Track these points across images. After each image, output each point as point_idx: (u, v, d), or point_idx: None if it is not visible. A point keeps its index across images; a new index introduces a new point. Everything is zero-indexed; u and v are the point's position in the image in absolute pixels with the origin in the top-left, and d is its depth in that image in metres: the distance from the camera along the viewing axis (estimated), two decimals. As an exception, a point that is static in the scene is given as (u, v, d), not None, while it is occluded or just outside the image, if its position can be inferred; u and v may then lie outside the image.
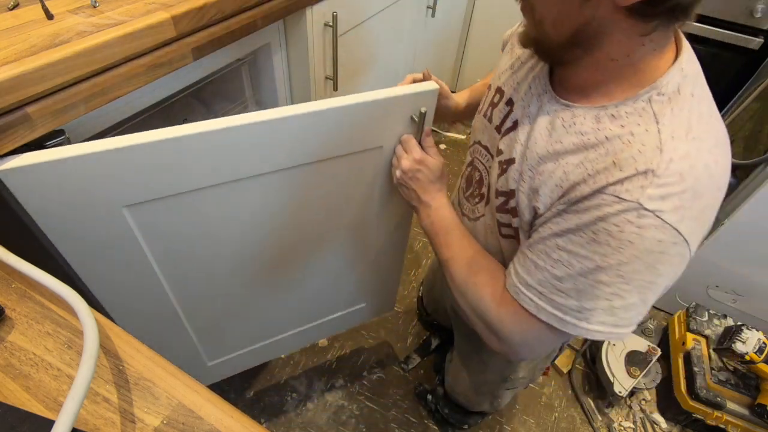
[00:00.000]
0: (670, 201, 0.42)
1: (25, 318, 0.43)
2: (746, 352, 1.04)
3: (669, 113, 0.44)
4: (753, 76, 1.45)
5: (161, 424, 0.36)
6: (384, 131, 0.67)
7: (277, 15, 0.79)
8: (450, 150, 1.98)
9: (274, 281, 0.83)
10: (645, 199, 0.42)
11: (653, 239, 0.43)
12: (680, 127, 0.43)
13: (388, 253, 0.94)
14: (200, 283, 0.74)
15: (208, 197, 0.61)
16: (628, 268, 0.44)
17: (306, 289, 0.90)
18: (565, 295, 0.48)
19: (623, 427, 1.18)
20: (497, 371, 0.88)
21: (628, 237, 0.43)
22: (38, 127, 0.50)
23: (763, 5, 1.32)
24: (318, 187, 0.70)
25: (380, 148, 0.69)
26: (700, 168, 0.42)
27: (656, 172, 0.42)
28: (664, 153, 0.42)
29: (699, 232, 0.45)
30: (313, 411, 1.15)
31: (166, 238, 0.63)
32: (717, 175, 0.44)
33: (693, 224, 0.43)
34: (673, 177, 0.42)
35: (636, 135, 0.44)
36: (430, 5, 1.42)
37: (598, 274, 0.45)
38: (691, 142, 0.43)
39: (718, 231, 1.17)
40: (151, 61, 0.59)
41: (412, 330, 1.34)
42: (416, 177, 0.67)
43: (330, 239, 0.82)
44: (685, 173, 0.42)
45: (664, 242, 0.43)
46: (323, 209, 0.75)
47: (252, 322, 0.91)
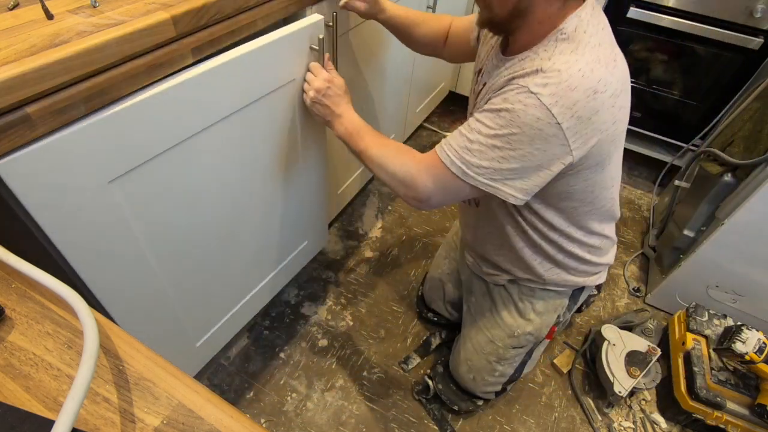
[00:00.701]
0: (548, 88, 0.59)
1: (25, 318, 0.43)
2: (746, 352, 1.04)
3: (564, 43, 0.62)
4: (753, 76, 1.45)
5: (161, 424, 0.36)
6: (292, 65, 0.83)
7: (277, 15, 0.79)
8: (450, 150, 1.98)
9: (236, 234, 0.94)
10: (532, 85, 0.60)
11: (534, 116, 0.60)
12: (568, 48, 0.61)
13: (313, 184, 1.12)
14: (180, 251, 0.81)
15: (173, 159, 0.69)
16: (514, 137, 0.62)
17: (260, 236, 1.03)
18: (470, 154, 0.66)
19: (623, 427, 1.18)
20: (506, 326, 0.99)
21: (517, 112, 0.61)
22: (38, 127, 0.50)
23: (763, 5, 1.32)
24: (254, 128, 0.82)
25: (293, 81, 0.84)
26: (574, 70, 0.59)
27: (543, 69, 0.60)
28: (551, 60, 0.61)
29: (574, 122, 0.60)
30: (313, 411, 1.15)
31: (148, 206, 0.70)
32: (590, 79, 0.59)
33: (566, 112, 0.59)
34: (553, 73, 0.59)
35: (539, 53, 0.63)
36: (430, 5, 1.42)
37: (494, 140, 0.64)
38: (570, 55, 0.60)
39: (718, 231, 1.17)
40: (150, 61, 0.59)
41: (412, 330, 1.34)
42: (327, 94, 0.82)
43: (271, 179, 0.96)
44: (562, 71, 0.59)
45: (541, 120, 0.60)
46: (262, 150, 0.88)
47: (227, 285, 1.01)
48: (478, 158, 0.65)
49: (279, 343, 1.27)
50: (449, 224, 1.65)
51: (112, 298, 0.71)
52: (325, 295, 1.40)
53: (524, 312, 0.97)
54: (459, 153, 0.67)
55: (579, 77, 0.59)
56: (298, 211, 1.12)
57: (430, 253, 1.55)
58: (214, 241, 0.88)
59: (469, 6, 1.78)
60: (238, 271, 1.02)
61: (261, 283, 1.13)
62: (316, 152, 1.06)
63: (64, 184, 0.56)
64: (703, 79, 1.54)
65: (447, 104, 2.19)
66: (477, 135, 0.65)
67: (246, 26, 0.73)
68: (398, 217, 1.67)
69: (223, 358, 1.23)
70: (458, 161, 0.67)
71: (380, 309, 1.38)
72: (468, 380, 1.07)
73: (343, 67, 1.09)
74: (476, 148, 0.65)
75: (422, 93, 1.80)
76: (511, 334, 0.98)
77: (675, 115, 1.65)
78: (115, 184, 0.62)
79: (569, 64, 0.59)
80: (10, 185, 0.51)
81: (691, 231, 1.35)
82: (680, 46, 1.49)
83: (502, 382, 1.07)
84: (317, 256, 1.50)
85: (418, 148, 1.97)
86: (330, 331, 1.31)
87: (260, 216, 0.98)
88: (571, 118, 0.60)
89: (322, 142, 1.07)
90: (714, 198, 1.25)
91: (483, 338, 1.02)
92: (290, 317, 1.34)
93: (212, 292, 0.96)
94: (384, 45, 1.25)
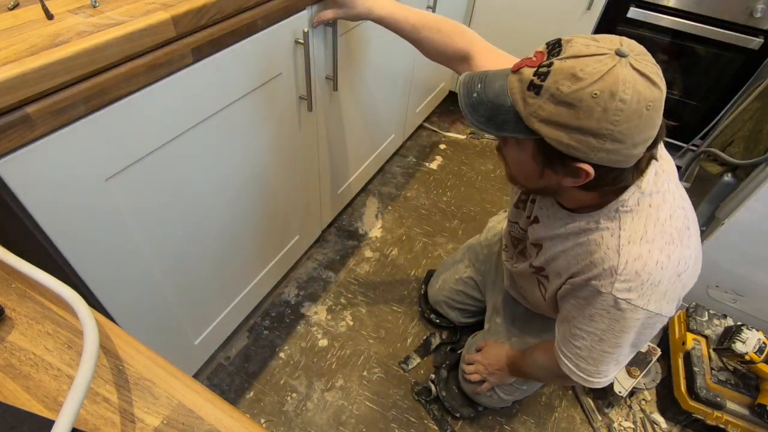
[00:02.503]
0: (634, 292, 0.59)
1: (25, 318, 0.43)
2: (746, 352, 1.04)
3: (629, 221, 0.60)
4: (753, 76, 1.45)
5: (161, 424, 0.36)
6: (278, 60, 0.84)
7: (277, 15, 0.79)
8: (450, 150, 1.98)
9: (229, 229, 0.95)
10: (616, 291, 0.60)
11: (632, 318, 0.61)
12: (636, 232, 0.60)
13: (303, 178, 1.14)
14: (175, 247, 0.82)
15: (167, 155, 0.70)
16: (620, 339, 0.64)
17: (253, 231, 1.04)
18: (584, 362, 0.70)
19: (623, 427, 1.18)
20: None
21: (614, 317, 0.62)
22: (38, 127, 0.50)
23: (763, 5, 1.32)
24: (243, 123, 0.83)
25: (280, 75, 0.86)
26: (652, 265, 0.59)
27: (617, 271, 0.59)
28: (621, 256, 0.60)
29: (670, 303, 0.61)
30: (313, 411, 1.15)
31: (144, 202, 0.70)
32: (670, 267, 0.59)
33: (660, 301, 0.60)
34: (631, 275, 0.59)
35: (601, 223, 0.63)
36: (430, 5, 1.42)
37: (601, 344, 0.66)
38: (642, 245, 0.59)
39: (717, 231, 1.17)
40: (150, 61, 0.59)
41: (412, 330, 1.34)
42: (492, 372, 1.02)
43: (262, 173, 0.97)
44: (640, 270, 0.59)
45: (641, 319, 0.61)
46: (252, 145, 0.89)
47: (223, 281, 1.02)
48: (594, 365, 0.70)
49: (279, 343, 1.27)
50: (449, 224, 1.65)
51: (110, 296, 0.72)
52: (325, 295, 1.40)
53: None
54: (575, 362, 0.71)
55: (659, 271, 0.59)
56: (289, 205, 1.14)
57: (430, 253, 1.55)
58: (208, 236, 0.89)
59: (469, 6, 1.78)
60: (233, 267, 1.03)
61: (255, 279, 1.14)
62: (305, 145, 1.08)
63: (62, 183, 0.56)
64: (703, 79, 1.54)
65: (447, 104, 2.19)
66: (581, 342, 0.69)
67: (246, 26, 0.73)
68: (398, 217, 1.67)
69: (223, 358, 1.23)
70: (577, 370, 0.72)
71: (380, 309, 1.38)
72: (483, 396, 1.06)
73: (343, 67, 1.09)
74: (587, 355, 0.69)
75: (422, 93, 1.80)
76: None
77: (675, 115, 1.65)
78: (111, 181, 0.63)
79: (644, 260, 0.59)
80: (9, 185, 0.51)
81: (691, 231, 1.35)
82: (680, 46, 1.49)
83: (516, 400, 1.07)
84: (317, 256, 1.50)
85: (418, 148, 1.99)
86: (330, 331, 1.31)
87: (252, 210, 1.00)
88: (667, 304, 0.61)
89: (312, 135, 1.08)
90: (714, 198, 1.25)
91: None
92: (290, 317, 1.34)
93: (208, 288, 0.97)
94: (384, 45, 1.25)
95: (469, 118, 0.58)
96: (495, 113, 0.57)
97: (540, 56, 0.54)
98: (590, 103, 0.49)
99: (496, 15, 1.76)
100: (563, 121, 0.51)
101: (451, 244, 1.58)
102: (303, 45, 0.86)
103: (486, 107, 0.57)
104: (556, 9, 1.62)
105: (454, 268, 1.25)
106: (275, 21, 0.79)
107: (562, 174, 0.58)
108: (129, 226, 0.69)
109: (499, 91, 0.57)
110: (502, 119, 0.56)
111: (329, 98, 1.10)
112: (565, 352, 0.72)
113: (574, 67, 0.50)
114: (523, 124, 0.55)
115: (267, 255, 1.17)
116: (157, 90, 0.62)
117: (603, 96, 0.49)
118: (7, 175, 0.50)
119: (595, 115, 0.50)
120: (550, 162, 0.57)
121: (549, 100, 0.51)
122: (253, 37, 0.75)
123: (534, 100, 0.52)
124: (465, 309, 1.23)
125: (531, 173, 0.62)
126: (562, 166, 0.57)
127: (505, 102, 0.56)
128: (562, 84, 0.50)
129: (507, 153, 0.64)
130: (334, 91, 1.07)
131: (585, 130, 0.51)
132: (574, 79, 0.49)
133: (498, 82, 0.57)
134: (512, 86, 0.55)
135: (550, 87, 0.51)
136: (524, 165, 0.61)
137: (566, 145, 0.53)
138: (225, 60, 0.71)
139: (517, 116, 0.55)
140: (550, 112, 0.51)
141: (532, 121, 0.53)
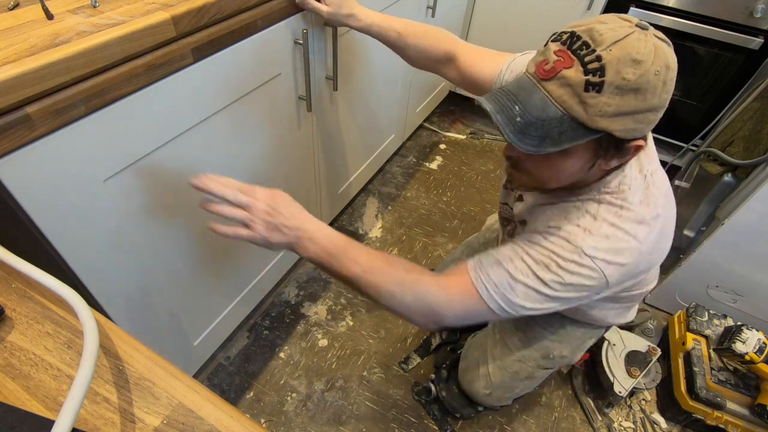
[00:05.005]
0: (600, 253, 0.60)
1: (25, 318, 0.43)
2: (746, 352, 1.04)
3: (606, 203, 0.62)
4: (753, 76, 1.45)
5: (161, 424, 0.36)
6: (278, 60, 0.84)
7: (277, 15, 0.79)
8: (450, 150, 1.98)
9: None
10: (586, 247, 0.60)
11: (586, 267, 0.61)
12: (609, 212, 0.61)
13: (301, 177, 1.14)
14: (175, 246, 0.82)
15: (165, 155, 0.70)
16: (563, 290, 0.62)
17: None
18: (514, 294, 0.62)
19: (623, 427, 1.18)
20: (542, 347, 0.96)
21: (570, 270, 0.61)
22: (38, 127, 0.50)
23: (763, 5, 1.32)
24: (243, 123, 0.84)
25: (279, 75, 0.86)
26: (620, 236, 0.60)
27: (591, 231, 0.61)
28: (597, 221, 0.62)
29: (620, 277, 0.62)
30: (313, 411, 1.15)
31: (143, 203, 0.70)
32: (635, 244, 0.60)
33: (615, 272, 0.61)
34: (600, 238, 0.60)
35: (583, 204, 0.63)
36: (430, 5, 1.42)
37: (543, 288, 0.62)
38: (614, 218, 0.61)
39: (718, 231, 1.17)
40: (150, 61, 0.59)
41: (412, 330, 1.34)
42: (278, 212, 0.62)
43: (261, 173, 0.97)
44: (610, 237, 0.60)
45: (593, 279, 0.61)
46: (251, 145, 0.89)
47: (222, 282, 1.01)
48: (522, 299, 0.62)
49: (279, 343, 1.27)
50: (449, 224, 1.65)
51: (110, 296, 0.72)
52: (326, 295, 1.40)
53: (565, 336, 0.95)
54: (500, 291, 0.63)
55: (625, 242, 0.60)
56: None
57: (430, 253, 1.55)
58: (207, 236, 0.89)
59: (469, 5, 1.78)
60: (233, 267, 1.03)
61: (255, 279, 1.14)
62: (304, 145, 1.08)
63: (62, 183, 0.56)
64: (703, 79, 1.54)
65: (447, 104, 2.19)
66: (523, 278, 0.62)
67: (246, 26, 0.73)
68: (398, 217, 1.67)
69: (223, 358, 1.23)
70: (498, 298, 0.63)
71: (380, 309, 1.38)
72: (482, 395, 1.05)
73: (343, 67, 1.09)
74: (521, 291, 0.62)
75: (422, 93, 1.80)
76: (546, 356, 0.96)
77: (675, 115, 1.65)
78: (111, 182, 0.62)
79: (614, 229, 0.60)
80: (8, 185, 0.51)
81: (691, 231, 1.35)
82: (680, 46, 1.49)
83: (515, 398, 1.07)
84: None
85: (418, 148, 1.99)
86: (330, 331, 1.31)
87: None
88: (618, 275, 0.62)
89: (311, 135, 1.09)
90: (714, 198, 1.25)
91: (511, 357, 0.99)
92: (290, 317, 1.34)
93: (208, 288, 0.97)
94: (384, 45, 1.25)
95: (518, 146, 0.52)
96: (548, 129, 0.52)
97: (565, 54, 0.51)
98: (654, 82, 0.49)
99: (496, 15, 1.76)
100: (630, 109, 0.50)
101: (451, 244, 1.58)
102: (302, 45, 0.86)
103: (536, 127, 0.52)
104: (556, 9, 1.62)
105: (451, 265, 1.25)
106: (275, 21, 0.79)
107: (612, 159, 0.58)
108: (128, 226, 0.69)
109: (542, 105, 0.52)
110: (557, 132, 0.52)
111: (329, 98, 1.10)
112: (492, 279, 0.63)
113: (629, 53, 0.48)
114: (583, 128, 0.52)
115: (267, 254, 1.17)
116: (157, 90, 0.62)
117: (662, 71, 0.50)
118: (6, 175, 0.50)
119: (658, 91, 0.50)
120: (606, 153, 0.56)
121: (614, 93, 0.49)
122: (253, 37, 0.75)
123: (596, 99, 0.50)
124: None
125: (572, 174, 0.60)
126: (616, 150, 0.56)
127: (555, 114, 0.52)
128: (626, 72, 0.48)
129: (539, 164, 0.61)
130: (334, 91, 1.07)
131: (649, 109, 0.51)
132: (635, 63, 0.48)
133: (534, 97, 0.53)
134: (556, 94, 0.51)
135: (614, 80, 0.49)
136: (567, 169, 0.59)
137: (631, 130, 0.52)
138: (225, 60, 0.71)
139: (574, 123, 0.52)
140: (618, 105, 0.50)
141: (596, 121, 0.51)
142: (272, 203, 0.62)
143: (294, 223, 0.63)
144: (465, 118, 2.17)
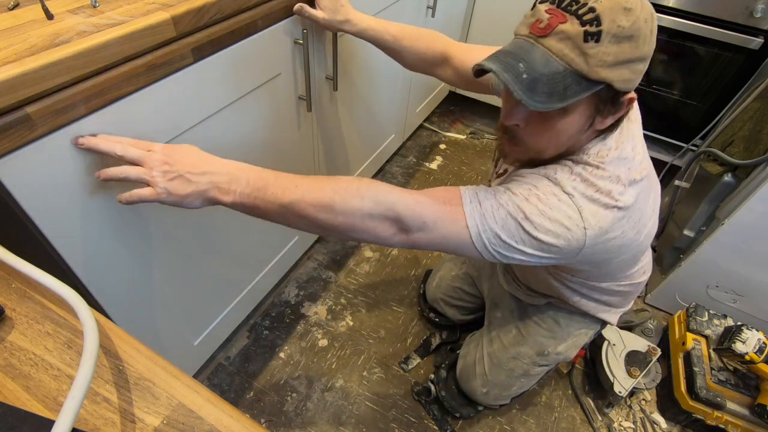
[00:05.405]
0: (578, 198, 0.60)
1: (25, 318, 0.43)
2: (746, 352, 1.04)
3: (583, 163, 0.62)
4: (753, 76, 1.45)
5: (161, 424, 0.36)
6: (277, 59, 0.84)
7: (277, 15, 0.79)
8: (450, 150, 1.98)
9: (229, 230, 0.95)
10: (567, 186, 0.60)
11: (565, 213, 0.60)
12: (585, 170, 0.61)
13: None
14: (175, 247, 0.81)
15: None
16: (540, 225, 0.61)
17: (252, 232, 1.04)
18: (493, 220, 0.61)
19: (623, 427, 1.18)
20: (537, 344, 0.97)
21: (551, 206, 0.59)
22: (38, 127, 0.50)
23: (763, 5, 1.32)
24: (243, 124, 0.84)
25: (279, 75, 0.86)
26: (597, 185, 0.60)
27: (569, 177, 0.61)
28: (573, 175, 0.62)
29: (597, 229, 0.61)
30: (313, 411, 1.15)
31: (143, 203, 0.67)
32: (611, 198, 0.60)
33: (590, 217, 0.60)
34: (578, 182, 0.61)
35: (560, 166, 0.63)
36: (430, 5, 1.42)
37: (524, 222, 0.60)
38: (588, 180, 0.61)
39: (718, 231, 1.17)
40: (151, 61, 0.59)
41: (412, 330, 1.34)
42: (177, 160, 0.55)
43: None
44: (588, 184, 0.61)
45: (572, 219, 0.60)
46: (251, 146, 0.89)
47: (222, 282, 1.01)
48: (500, 229, 0.60)
49: (279, 343, 1.27)
50: (449, 224, 1.65)
51: (110, 296, 0.72)
52: (325, 295, 1.40)
53: (559, 332, 0.96)
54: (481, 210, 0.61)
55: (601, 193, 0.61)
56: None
57: (430, 253, 1.55)
58: (207, 236, 0.89)
59: (469, 5, 1.77)
60: (233, 267, 1.03)
61: (254, 280, 1.14)
62: (304, 145, 1.08)
63: (62, 183, 0.56)
64: (703, 79, 1.54)
65: (447, 104, 2.19)
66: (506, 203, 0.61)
67: (246, 26, 0.73)
68: (398, 217, 1.66)
69: (223, 358, 1.23)
70: (477, 216, 0.60)
71: (380, 309, 1.38)
72: (480, 393, 1.05)
73: (343, 67, 1.09)
74: (501, 216, 0.60)
75: (422, 93, 1.80)
76: (540, 353, 0.97)
77: (675, 115, 1.65)
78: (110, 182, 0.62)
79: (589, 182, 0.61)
80: (8, 185, 0.51)
81: (691, 231, 1.35)
82: (680, 46, 1.49)
83: (513, 396, 1.07)
84: (317, 256, 1.50)
85: (418, 148, 1.99)
86: (330, 331, 1.31)
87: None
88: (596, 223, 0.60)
89: (311, 135, 1.09)
90: (714, 198, 1.25)
91: (507, 354, 1.00)
92: (290, 317, 1.34)
93: (208, 288, 0.97)
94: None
95: (529, 103, 0.51)
96: (554, 84, 0.52)
97: (557, 11, 0.52)
98: (645, 29, 0.51)
99: (496, 15, 1.76)
100: (626, 57, 0.51)
101: (451, 244, 1.58)
102: (302, 45, 0.86)
103: (542, 83, 0.52)
104: (556, 9, 1.61)
105: (450, 264, 1.26)
106: (275, 21, 0.79)
107: (609, 115, 0.58)
108: (128, 226, 0.69)
109: (544, 61, 0.52)
110: (562, 86, 0.52)
111: (329, 98, 1.10)
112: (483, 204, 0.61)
113: (619, 2, 0.50)
114: (586, 80, 0.52)
115: (267, 255, 1.17)
116: (157, 90, 0.62)
117: (649, 19, 0.51)
118: (6, 175, 0.50)
119: (648, 39, 0.52)
120: (604, 107, 0.57)
121: (612, 41, 0.50)
122: (253, 37, 0.75)
123: (596, 49, 0.50)
124: (462, 306, 1.23)
125: (570, 136, 0.60)
126: (612, 105, 0.57)
127: (557, 68, 0.52)
128: (620, 20, 0.50)
129: (537, 128, 0.60)
130: (334, 91, 1.07)
131: (641, 58, 0.53)
132: (627, 11, 0.50)
133: (534, 53, 0.53)
134: (556, 48, 0.52)
135: (610, 28, 0.50)
136: (567, 129, 0.59)
137: (627, 81, 0.53)
138: (225, 60, 0.71)
139: (577, 75, 0.52)
140: (616, 54, 0.51)
141: (597, 72, 0.51)
142: (168, 152, 0.56)
143: (202, 168, 0.55)
144: (465, 118, 2.17)
